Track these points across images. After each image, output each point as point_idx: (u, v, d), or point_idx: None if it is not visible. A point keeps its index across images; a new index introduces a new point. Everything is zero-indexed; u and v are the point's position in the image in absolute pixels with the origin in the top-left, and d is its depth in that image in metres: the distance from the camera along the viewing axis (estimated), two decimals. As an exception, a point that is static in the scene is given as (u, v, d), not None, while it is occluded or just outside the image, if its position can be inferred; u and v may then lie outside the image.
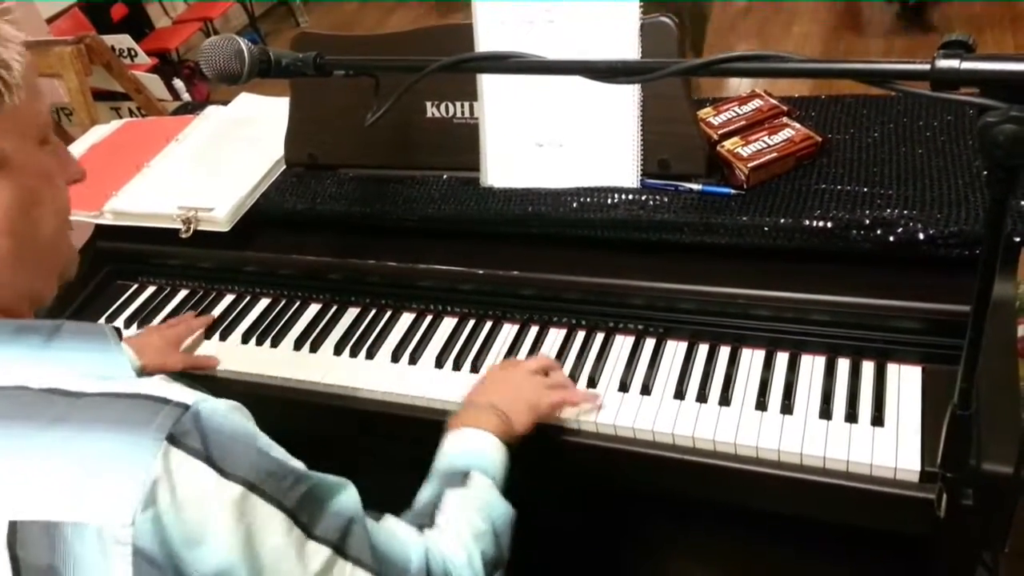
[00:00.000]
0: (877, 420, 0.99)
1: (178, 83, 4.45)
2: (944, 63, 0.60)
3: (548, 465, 1.15)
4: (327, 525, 0.68)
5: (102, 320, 1.46)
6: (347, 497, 0.72)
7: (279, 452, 0.67)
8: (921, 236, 1.02)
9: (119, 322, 1.45)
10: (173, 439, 0.59)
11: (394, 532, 0.78)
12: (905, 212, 1.04)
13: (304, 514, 0.66)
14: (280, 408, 1.20)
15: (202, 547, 0.59)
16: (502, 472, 0.94)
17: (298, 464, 0.69)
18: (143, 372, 1.18)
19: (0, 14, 0.65)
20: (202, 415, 0.61)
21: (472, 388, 1.09)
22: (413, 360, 1.24)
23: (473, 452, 0.95)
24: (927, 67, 0.60)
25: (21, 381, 0.62)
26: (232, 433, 0.63)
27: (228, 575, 0.61)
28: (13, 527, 0.57)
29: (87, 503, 0.57)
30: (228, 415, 0.63)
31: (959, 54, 0.60)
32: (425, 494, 0.92)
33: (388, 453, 1.31)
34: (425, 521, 0.86)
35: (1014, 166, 0.61)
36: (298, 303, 1.39)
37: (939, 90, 0.61)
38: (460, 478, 0.91)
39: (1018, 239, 0.99)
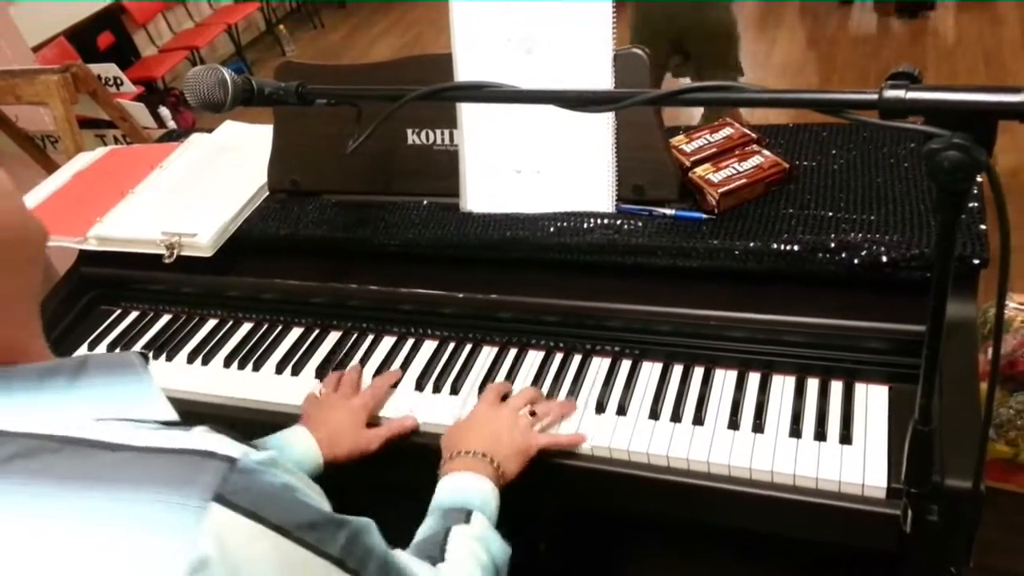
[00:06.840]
0: (845, 438, 1.02)
1: (164, 111, 4.50)
2: (891, 93, 0.63)
3: (521, 486, 1.17)
4: (373, 567, 0.67)
5: (83, 346, 1.47)
6: (377, 536, 0.71)
7: (313, 498, 0.65)
8: (884, 259, 1.05)
9: (102, 347, 1.46)
10: (220, 498, 0.55)
11: (409, 567, 0.77)
12: (869, 236, 1.07)
13: (352, 560, 0.65)
14: (263, 432, 1.21)
15: None
16: (496, 514, 0.99)
17: (327, 507, 0.67)
18: (334, 463, 1.11)
19: None
20: (248, 470, 0.58)
21: (461, 430, 1.09)
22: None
23: (472, 494, 0.99)
24: (875, 96, 0.64)
25: (51, 430, 0.58)
26: (277, 486, 0.60)
27: None
28: None
29: (133, 572, 0.53)
30: (271, 467, 0.61)
31: (905, 84, 0.63)
32: (429, 529, 0.95)
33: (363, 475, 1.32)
34: (435, 554, 0.88)
35: (960, 190, 0.64)
36: (280, 327, 1.40)
37: (887, 118, 0.64)
38: (464, 516, 0.95)
39: (977, 261, 1.02)
